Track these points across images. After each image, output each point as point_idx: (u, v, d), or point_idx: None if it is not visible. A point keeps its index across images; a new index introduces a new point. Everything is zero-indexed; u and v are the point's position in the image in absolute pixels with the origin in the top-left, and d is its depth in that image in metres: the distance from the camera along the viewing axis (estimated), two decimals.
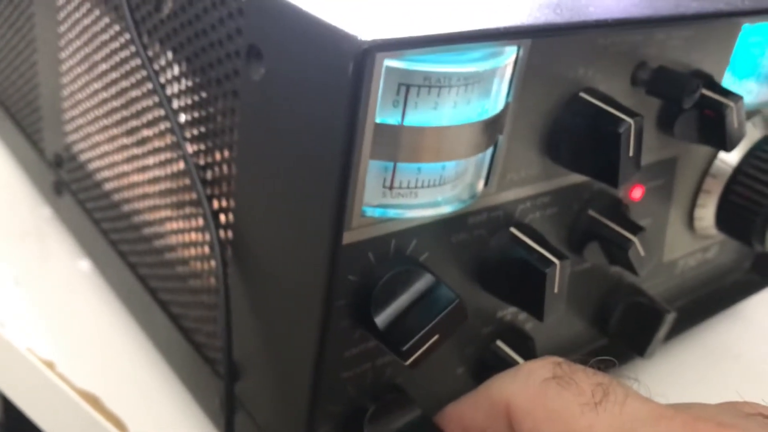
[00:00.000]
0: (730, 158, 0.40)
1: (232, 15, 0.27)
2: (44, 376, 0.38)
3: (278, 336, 0.29)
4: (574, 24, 0.27)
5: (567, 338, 0.38)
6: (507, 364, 0.33)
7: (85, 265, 0.46)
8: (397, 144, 0.25)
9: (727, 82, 0.37)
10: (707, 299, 0.47)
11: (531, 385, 0.27)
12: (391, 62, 0.23)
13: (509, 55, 0.26)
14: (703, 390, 0.44)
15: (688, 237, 0.42)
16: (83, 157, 0.43)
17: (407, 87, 0.24)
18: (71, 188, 0.46)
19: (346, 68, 0.22)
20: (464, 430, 0.29)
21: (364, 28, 0.22)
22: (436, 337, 0.26)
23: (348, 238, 0.25)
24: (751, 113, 0.40)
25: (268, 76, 0.25)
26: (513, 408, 0.27)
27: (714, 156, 0.40)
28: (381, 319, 0.26)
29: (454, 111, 0.25)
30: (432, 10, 0.25)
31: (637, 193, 0.36)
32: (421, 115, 0.25)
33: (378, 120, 0.24)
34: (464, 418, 0.29)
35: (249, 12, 0.26)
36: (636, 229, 0.33)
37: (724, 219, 0.41)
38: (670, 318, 0.39)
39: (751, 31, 0.36)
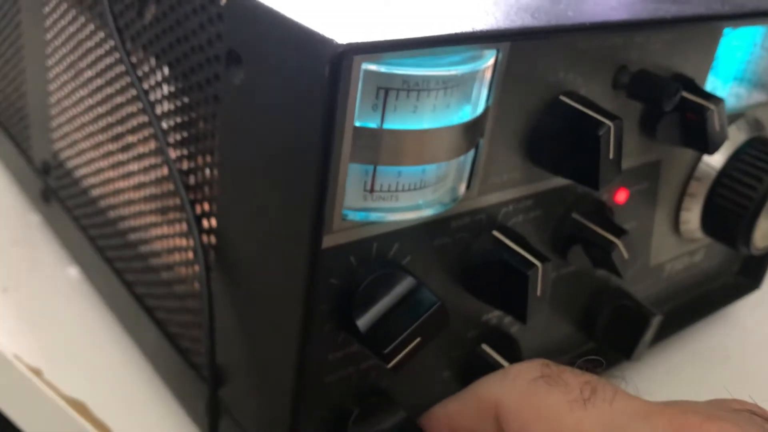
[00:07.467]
0: (714, 161, 0.40)
1: (211, 20, 0.27)
2: (31, 384, 0.38)
3: (262, 340, 0.29)
4: (551, 27, 0.27)
5: (553, 341, 0.39)
6: (492, 367, 0.33)
7: (73, 272, 0.45)
8: (377, 147, 0.25)
9: (711, 85, 0.37)
10: (695, 302, 0.48)
11: (519, 385, 0.27)
12: (369, 66, 0.23)
13: (488, 58, 0.26)
14: (692, 392, 0.43)
15: (674, 240, 0.42)
16: (70, 164, 0.43)
17: (386, 90, 0.24)
18: (59, 195, 0.46)
19: (323, 71, 0.22)
20: (452, 431, 0.29)
21: (341, 32, 0.22)
22: (418, 340, 0.27)
23: (328, 241, 0.25)
24: (735, 116, 0.41)
25: (248, 81, 0.26)
26: (502, 408, 0.27)
27: (698, 159, 0.40)
28: (363, 322, 0.26)
29: (434, 114, 0.25)
30: (410, 14, 0.25)
31: (622, 196, 0.36)
32: (400, 119, 0.25)
33: (357, 123, 0.24)
34: (452, 419, 0.29)
35: (228, 17, 0.26)
36: (619, 231, 0.33)
37: (709, 222, 0.41)
38: (656, 321, 0.39)
39: (733, 35, 0.37)
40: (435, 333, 0.27)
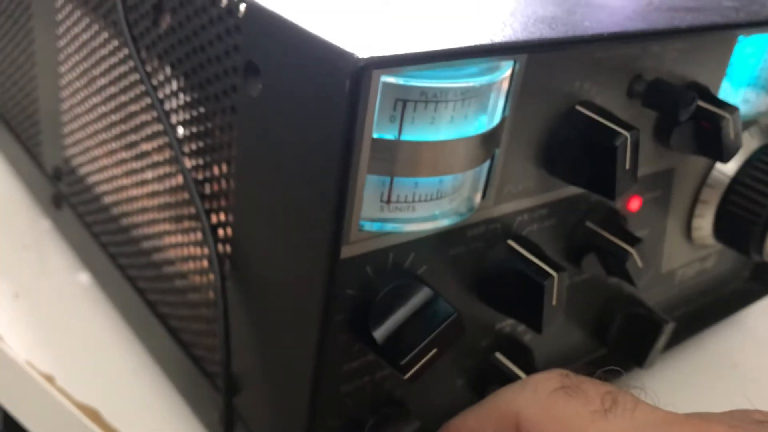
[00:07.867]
0: (727, 168, 0.40)
1: (229, 31, 0.27)
2: (44, 390, 0.38)
3: (277, 350, 0.29)
4: (569, 38, 0.27)
5: (566, 349, 0.39)
6: (506, 376, 0.33)
7: (84, 278, 0.46)
8: (394, 159, 0.25)
9: (724, 92, 0.37)
10: (706, 308, 0.47)
11: (539, 396, 0.27)
12: (387, 78, 0.23)
13: (505, 69, 0.26)
14: (704, 399, 0.44)
15: (686, 247, 0.42)
16: (82, 170, 0.43)
17: (404, 102, 0.24)
18: (70, 201, 0.46)
19: (343, 85, 0.22)
20: None
21: (361, 45, 0.22)
22: (434, 351, 0.27)
23: (346, 252, 0.25)
24: (748, 123, 0.40)
25: (266, 92, 0.26)
26: (522, 419, 0.27)
27: (711, 166, 0.40)
28: (379, 333, 0.26)
29: (451, 125, 0.25)
30: (428, 26, 0.25)
31: (635, 204, 0.36)
32: (418, 130, 0.25)
33: (375, 135, 0.24)
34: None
35: (246, 28, 0.26)
36: (633, 240, 0.33)
37: (721, 229, 0.41)
38: (668, 328, 0.39)
39: (746, 42, 0.37)
40: (451, 343, 0.27)
